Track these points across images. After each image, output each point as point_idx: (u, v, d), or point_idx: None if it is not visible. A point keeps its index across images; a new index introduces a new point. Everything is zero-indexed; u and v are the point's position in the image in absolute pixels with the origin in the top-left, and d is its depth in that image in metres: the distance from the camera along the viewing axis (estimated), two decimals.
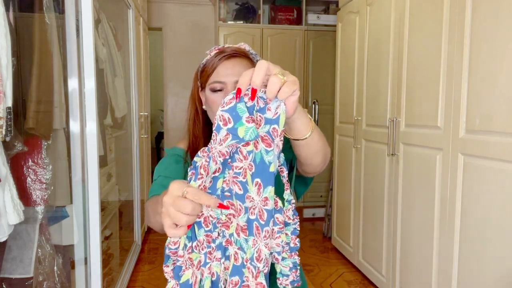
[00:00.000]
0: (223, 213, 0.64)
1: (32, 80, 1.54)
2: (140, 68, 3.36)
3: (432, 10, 1.86)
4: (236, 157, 0.63)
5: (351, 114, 2.84)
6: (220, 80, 0.95)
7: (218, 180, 0.64)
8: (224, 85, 0.95)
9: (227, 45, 1.00)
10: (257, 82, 0.61)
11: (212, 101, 0.97)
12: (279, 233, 0.66)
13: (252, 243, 0.63)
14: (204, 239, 0.65)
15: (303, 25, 4.14)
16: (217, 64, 0.96)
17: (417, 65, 2.01)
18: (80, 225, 1.84)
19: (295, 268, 0.72)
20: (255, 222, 0.62)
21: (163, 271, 0.69)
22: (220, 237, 0.65)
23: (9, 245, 1.58)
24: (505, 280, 1.46)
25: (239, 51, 0.98)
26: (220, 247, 0.66)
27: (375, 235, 2.50)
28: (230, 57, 0.96)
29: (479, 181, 1.58)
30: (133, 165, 3.11)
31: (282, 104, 0.62)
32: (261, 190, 0.62)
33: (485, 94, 1.54)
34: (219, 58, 0.96)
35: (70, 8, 1.75)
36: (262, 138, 0.61)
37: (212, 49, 1.01)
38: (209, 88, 0.97)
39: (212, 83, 0.96)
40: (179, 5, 4.57)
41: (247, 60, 0.99)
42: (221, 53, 0.97)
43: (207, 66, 0.98)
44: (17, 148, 1.42)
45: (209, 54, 0.99)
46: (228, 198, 0.64)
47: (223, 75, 0.95)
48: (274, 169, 0.62)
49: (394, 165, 2.24)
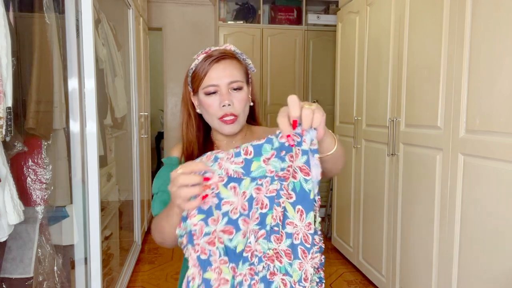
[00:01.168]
0: (269, 248, 0.70)
1: (32, 80, 1.54)
2: (140, 68, 3.36)
3: (432, 10, 1.86)
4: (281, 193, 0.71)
5: (351, 114, 2.84)
6: (214, 83, 0.97)
7: (267, 216, 0.71)
8: (218, 87, 0.97)
9: (214, 48, 1.01)
10: (297, 114, 0.69)
11: (208, 105, 0.99)
12: (317, 253, 0.72)
13: (299, 266, 0.69)
14: (247, 272, 0.72)
15: (303, 25, 4.14)
16: (208, 68, 0.97)
17: (417, 65, 2.01)
18: (80, 225, 1.84)
19: (321, 283, 0.80)
20: (300, 247, 0.69)
21: (182, 252, 0.77)
22: (265, 270, 0.71)
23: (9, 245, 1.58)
24: (505, 280, 1.46)
25: (227, 52, 1.00)
26: (264, 280, 0.71)
27: (375, 235, 2.50)
28: (220, 59, 0.98)
29: (479, 181, 1.58)
30: (133, 165, 3.11)
31: (315, 132, 0.68)
32: (303, 216, 0.69)
33: (485, 94, 1.54)
34: (209, 62, 0.97)
35: (70, 8, 1.75)
36: (300, 169, 0.69)
37: (199, 53, 1.02)
38: (203, 92, 0.99)
39: (206, 87, 0.98)
40: (179, 5, 4.57)
41: (236, 60, 1.01)
42: (209, 57, 0.98)
43: (197, 71, 0.99)
44: (17, 148, 1.42)
45: (197, 59, 1.01)
46: (275, 232, 0.70)
47: (215, 78, 0.97)
48: (313, 196, 0.69)
49: (394, 165, 2.24)
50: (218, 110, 0.99)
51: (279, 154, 0.69)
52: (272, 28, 4.12)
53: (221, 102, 0.98)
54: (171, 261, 3.01)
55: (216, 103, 0.99)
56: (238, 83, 0.99)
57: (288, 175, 0.69)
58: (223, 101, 0.98)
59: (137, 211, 3.16)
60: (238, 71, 1.00)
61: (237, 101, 0.99)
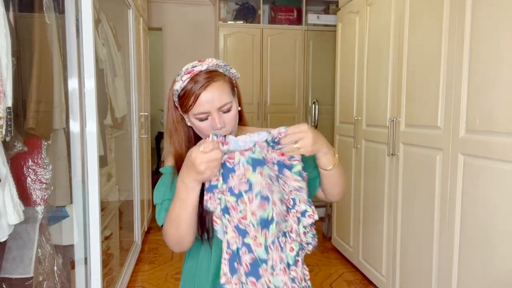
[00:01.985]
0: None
1: (32, 80, 1.54)
2: (140, 68, 3.36)
3: (432, 10, 1.86)
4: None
5: (351, 114, 2.84)
6: (204, 111, 0.98)
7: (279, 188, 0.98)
8: (209, 113, 0.99)
9: (197, 69, 1.00)
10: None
11: (200, 127, 1.01)
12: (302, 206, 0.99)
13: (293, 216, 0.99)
14: (275, 232, 0.95)
15: (303, 25, 4.14)
16: (197, 94, 0.97)
17: (417, 65, 2.01)
18: (80, 225, 1.84)
19: (314, 236, 1.02)
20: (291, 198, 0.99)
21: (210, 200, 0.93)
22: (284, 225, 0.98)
23: (9, 245, 1.58)
24: (505, 280, 1.46)
25: (212, 74, 0.99)
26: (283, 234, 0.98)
27: (375, 235, 2.50)
28: (207, 85, 0.97)
29: (479, 181, 1.58)
30: (133, 165, 3.11)
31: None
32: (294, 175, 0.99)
33: (485, 94, 1.54)
34: (197, 88, 0.97)
35: (70, 8, 1.75)
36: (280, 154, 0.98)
37: (181, 73, 1.01)
38: (194, 117, 1.00)
39: (197, 114, 0.99)
40: (179, 5, 4.57)
41: (221, 78, 1.01)
42: (195, 82, 0.98)
43: (186, 95, 0.99)
44: (17, 148, 1.42)
45: (181, 80, 1.00)
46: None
47: (205, 105, 0.98)
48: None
49: (394, 165, 2.24)
50: (210, 132, 1.00)
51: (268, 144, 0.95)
52: (272, 28, 4.12)
53: (213, 126, 0.99)
54: (171, 261, 3.01)
55: (208, 126, 1.00)
56: (228, 105, 1.00)
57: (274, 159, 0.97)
58: (215, 126, 0.99)
59: (137, 211, 3.16)
60: (225, 91, 1.00)
61: (228, 122, 1.01)
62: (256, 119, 4.11)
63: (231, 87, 1.04)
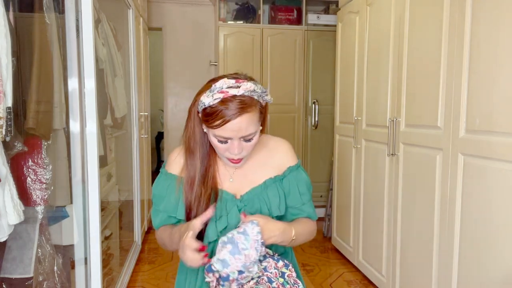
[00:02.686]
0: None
1: (32, 80, 1.54)
2: (140, 68, 3.36)
3: (432, 10, 1.86)
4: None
5: (351, 114, 2.84)
6: (229, 137, 0.96)
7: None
8: (231, 139, 0.97)
9: (231, 92, 0.93)
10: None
11: (218, 147, 1.00)
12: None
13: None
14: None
15: (303, 25, 4.14)
16: (223, 122, 0.93)
17: (417, 65, 2.01)
18: (80, 225, 1.84)
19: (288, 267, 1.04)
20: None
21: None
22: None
23: (9, 245, 1.58)
24: (505, 280, 1.46)
25: (246, 102, 0.94)
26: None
27: (375, 235, 2.50)
28: (238, 115, 0.93)
29: (479, 181, 1.58)
30: (133, 165, 3.11)
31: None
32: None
33: (485, 94, 1.54)
34: (228, 114, 0.92)
35: (70, 8, 1.75)
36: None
37: (214, 89, 0.95)
38: (215, 137, 0.98)
39: (220, 136, 0.97)
40: (179, 5, 4.56)
41: (253, 108, 0.96)
42: (227, 107, 0.93)
43: (214, 116, 0.94)
44: (17, 148, 1.42)
45: (212, 97, 0.94)
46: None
47: (230, 133, 0.95)
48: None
49: (394, 165, 2.24)
50: (227, 153, 1.01)
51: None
52: (272, 28, 4.12)
53: (230, 150, 0.99)
54: (171, 261, 3.01)
55: (225, 148, 1.00)
56: (251, 135, 0.99)
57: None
58: (232, 151, 0.99)
59: (137, 211, 3.16)
60: (254, 122, 0.97)
61: (246, 149, 1.01)
62: None
63: (259, 117, 1.00)
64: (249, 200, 1.09)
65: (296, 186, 1.12)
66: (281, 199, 1.10)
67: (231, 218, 1.06)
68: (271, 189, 1.10)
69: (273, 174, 1.12)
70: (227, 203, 1.08)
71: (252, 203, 1.08)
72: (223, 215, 1.07)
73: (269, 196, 1.09)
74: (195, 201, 1.05)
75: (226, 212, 1.07)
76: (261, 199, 1.08)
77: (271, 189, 1.10)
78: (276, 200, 1.09)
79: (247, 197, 1.09)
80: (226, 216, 1.07)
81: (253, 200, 1.08)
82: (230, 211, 1.07)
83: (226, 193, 1.09)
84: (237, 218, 1.05)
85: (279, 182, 1.11)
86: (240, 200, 1.09)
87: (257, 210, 1.08)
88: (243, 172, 1.12)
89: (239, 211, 1.06)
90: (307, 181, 1.15)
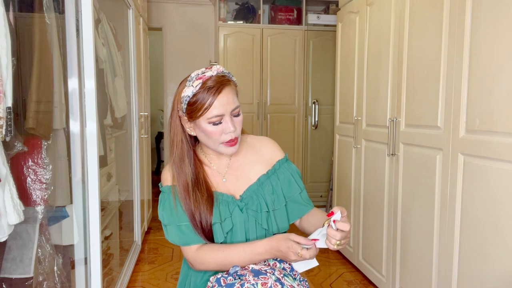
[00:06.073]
0: None
1: (32, 80, 1.54)
2: (140, 68, 3.36)
3: (432, 10, 1.86)
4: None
5: (351, 114, 2.84)
6: (219, 113, 1.02)
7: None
8: (222, 117, 1.03)
9: (208, 74, 1.02)
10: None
11: (213, 132, 1.04)
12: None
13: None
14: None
15: (303, 25, 4.14)
16: (213, 100, 1.00)
17: (417, 65, 2.01)
18: (80, 225, 1.84)
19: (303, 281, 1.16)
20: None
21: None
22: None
23: (9, 245, 1.58)
24: (505, 280, 1.46)
25: (224, 79, 1.03)
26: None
27: (375, 235, 2.50)
28: (221, 89, 1.01)
29: (479, 181, 1.58)
30: (133, 165, 3.11)
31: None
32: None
33: (485, 94, 1.54)
34: (212, 93, 1.00)
35: (70, 8, 1.75)
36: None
37: (192, 80, 1.03)
38: (208, 121, 1.03)
39: (211, 117, 1.02)
40: (179, 5, 4.57)
41: (230, 83, 1.06)
42: (208, 87, 1.00)
43: (200, 102, 1.01)
44: (17, 148, 1.42)
45: (192, 86, 1.02)
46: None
47: (220, 109, 1.01)
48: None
49: (394, 165, 2.24)
50: (223, 136, 1.05)
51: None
52: (272, 28, 4.12)
53: (226, 129, 1.04)
54: (171, 261, 3.01)
55: (220, 131, 1.04)
56: (238, 108, 1.06)
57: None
58: (228, 128, 1.04)
59: (137, 211, 3.16)
60: (235, 95, 1.06)
61: (238, 125, 1.06)
62: (256, 119, 4.11)
63: (237, 93, 1.09)
64: (249, 199, 1.13)
65: (291, 176, 1.19)
66: (277, 193, 1.15)
67: (235, 219, 1.10)
68: (266, 184, 1.15)
69: (265, 170, 1.17)
70: (229, 205, 1.11)
71: (251, 201, 1.12)
72: (227, 217, 1.10)
73: (265, 192, 1.14)
74: (195, 207, 1.08)
75: (229, 213, 1.10)
76: (259, 195, 1.13)
77: (266, 184, 1.15)
78: (272, 194, 1.14)
79: (246, 196, 1.13)
80: (230, 218, 1.10)
81: (252, 198, 1.13)
82: (233, 212, 1.10)
83: (225, 195, 1.12)
84: (240, 219, 1.10)
85: (272, 176, 1.17)
86: (241, 200, 1.13)
87: (257, 206, 1.12)
88: (235, 171, 1.16)
89: (241, 211, 1.11)
90: (297, 171, 1.23)
